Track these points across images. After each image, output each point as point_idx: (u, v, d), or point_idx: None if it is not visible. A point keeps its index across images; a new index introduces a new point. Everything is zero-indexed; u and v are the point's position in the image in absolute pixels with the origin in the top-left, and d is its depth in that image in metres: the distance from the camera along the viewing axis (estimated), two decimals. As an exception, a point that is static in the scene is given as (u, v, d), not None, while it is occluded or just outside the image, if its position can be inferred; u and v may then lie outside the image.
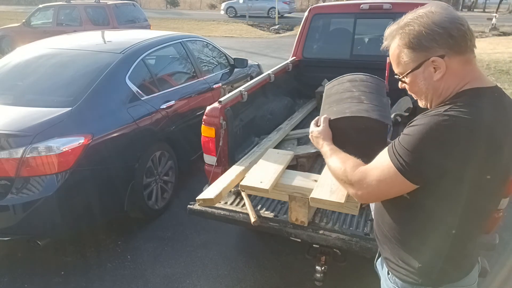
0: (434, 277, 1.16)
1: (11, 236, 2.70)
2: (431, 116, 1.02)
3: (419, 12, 1.08)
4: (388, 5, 3.88)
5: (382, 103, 1.57)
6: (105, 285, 2.70)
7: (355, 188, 1.15)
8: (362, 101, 1.54)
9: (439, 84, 1.08)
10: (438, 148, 0.99)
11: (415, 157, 1.01)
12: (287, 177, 2.15)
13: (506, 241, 2.94)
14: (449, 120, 0.98)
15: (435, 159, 1.00)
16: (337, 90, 1.72)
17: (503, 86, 7.54)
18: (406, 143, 1.03)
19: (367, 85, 1.68)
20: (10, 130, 2.54)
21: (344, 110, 1.52)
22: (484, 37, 14.60)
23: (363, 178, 1.13)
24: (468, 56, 1.06)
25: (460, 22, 1.04)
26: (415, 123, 1.05)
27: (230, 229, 3.18)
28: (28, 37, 8.03)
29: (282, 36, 16.84)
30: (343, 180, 1.21)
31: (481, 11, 27.18)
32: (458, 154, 0.98)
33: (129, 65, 3.35)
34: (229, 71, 4.86)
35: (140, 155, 3.14)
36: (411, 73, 1.10)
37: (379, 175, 1.09)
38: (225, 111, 2.59)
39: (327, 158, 1.33)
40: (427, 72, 1.08)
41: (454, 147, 0.98)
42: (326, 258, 2.23)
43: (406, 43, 1.08)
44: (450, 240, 1.12)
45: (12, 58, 3.61)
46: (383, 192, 1.12)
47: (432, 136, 0.99)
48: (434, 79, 1.08)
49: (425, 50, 1.06)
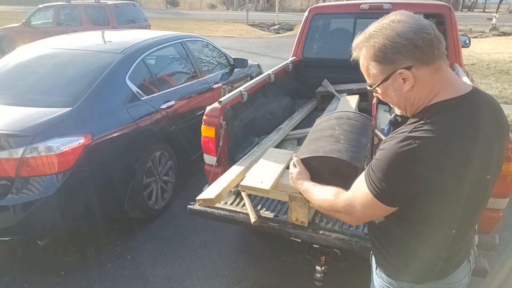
0: (417, 274, 1.18)
1: (11, 236, 2.70)
2: (396, 140, 1.01)
3: (383, 23, 1.05)
4: (388, 5, 3.88)
5: (360, 143, 1.62)
6: (105, 285, 2.70)
7: (346, 214, 1.19)
8: (339, 141, 1.60)
9: (410, 94, 1.07)
10: (404, 173, 1.00)
11: (386, 183, 1.02)
12: (288, 177, 2.15)
13: (506, 241, 2.94)
14: (412, 143, 0.97)
15: (405, 183, 1.01)
16: (322, 127, 1.79)
17: (503, 86, 7.54)
18: (376, 169, 1.04)
19: (351, 124, 1.73)
20: (10, 130, 2.54)
21: (318, 149, 1.59)
22: (484, 37, 14.61)
23: (347, 205, 1.16)
24: (437, 64, 1.04)
25: (425, 31, 1.01)
26: (383, 146, 1.05)
27: (230, 229, 3.19)
28: (28, 37, 8.04)
29: (282, 36, 16.84)
30: (331, 210, 1.24)
31: (481, 11, 27.18)
32: (425, 175, 0.98)
33: (129, 65, 3.35)
34: (229, 71, 4.86)
35: (140, 155, 3.14)
36: (381, 84, 1.09)
37: (360, 202, 1.12)
38: (225, 111, 2.59)
39: (309, 196, 1.37)
40: (396, 84, 1.07)
41: (420, 169, 0.98)
42: (326, 258, 2.22)
43: (372, 56, 1.06)
44: (435, 240, 1.13)
45: (12, 58, 3.61)
46: (369, 216, 1.18)
47: (397, 162, 0.99)
48: (404, 90, 1.06)
49: (391, 63, 1.04)
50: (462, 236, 1.17)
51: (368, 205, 1.09)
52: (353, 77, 4.16)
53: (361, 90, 3.97)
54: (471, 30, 15.63)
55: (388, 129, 3.40)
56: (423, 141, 0.97)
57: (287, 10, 29.58)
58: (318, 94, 4.19)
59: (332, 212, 1.24)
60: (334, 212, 1.23)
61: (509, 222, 3.15)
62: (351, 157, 1.49)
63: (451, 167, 0.98)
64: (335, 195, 1.22)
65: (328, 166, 1.51)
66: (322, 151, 1.55)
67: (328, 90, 4.12)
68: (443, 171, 0.98)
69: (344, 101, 3.71)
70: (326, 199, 1.25)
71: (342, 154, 1.50)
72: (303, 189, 1.42)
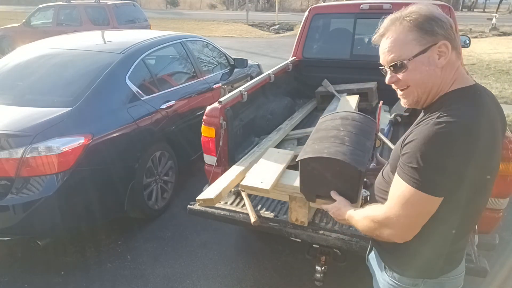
0: (433, 270, 1.19)
1: (11, 236, 2.70)
2: (426, 127, 1.01)
3: (414, 7, 1.10)
4: (388, 5, 3.88)
5: (364, 147, 1.60)
6: (105, 285, 2.70)
7: (388, 227, 1.11)
8: (344, 143, 1.58)
9: (440, 73, 1.08)
10: (442, 156, 0.98)
11: (426, 171, 1.00)
12: (288, 177, 2.15)
13: (506, 241, 2.94)
14: (445, 127, 0.98)
15: (444, 166, 0.99)
16: (327, 127, 1.77)
17: (503, 86, 7.55)
18: (412, 160, 1.02)
19: (356, 126, 1.71)
20: (10, 130, 2.54)
21: (323, 150, 1.56)
22: (484, 37, 14.61)
23: (388, 213, 1.10)
24: (459, 51, 1.09)
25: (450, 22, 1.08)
26: (412, 137, 1.04)
27: (230, 229, 3.19)
28: (28, 37, 8.05)
29: (282, 36, 16.84)
30: (375, 228, 1.16)
31: (481, 11, 27.18)
32: (461, 157, 0.98)
33: (129, 65, 3.35)
34: (229, 71, 4.86)
35: (140, 155, 3.14)
36: (416, 58, 1.07)
37: (402, 202, 1.06)
38: (225, 111, 2.59)
39: (354, 222, 1.28)
40: (432, 58, 1.07)
41: (457, 150, 0.97)
42: (326, 258, 2.22)
43: (417, 25, 1.07)
44: (449, 238, 1.14)
45: (12, 58, 3.61)
46: (414, 218, 1.07)
47: (432, 147, 0.99)
48: (438, 66, 1.07)
49: (433, 35, 1.06)
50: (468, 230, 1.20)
51: (411, 202, 1.04)
52: (353, 77, 4.16)
53: (361, 90, 3.98)
54: (471, 30, 15.63)
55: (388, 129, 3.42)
56: (454, 125, 0.98)
57: (287, 10, 29.59)
58: (318, 94, 4.20)
59: (375, 230, 1.16)
60: (379, 228, 1.14)
61: (509, 222, 3.15)
62: (356, 161, 1.49)
63: (479, 154, 0.99)
64: (373, 209, 1.17)
65: (332, 168, 1.50)
66: (327, 152, 1.53)
67: (328, 90, 4.13)
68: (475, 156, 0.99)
69: (344, 101, 3.71)
70: (366, 217, 1.19)
71: (347, 157, 1.49)
72: (346, 217, 1.34)
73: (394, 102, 3.74)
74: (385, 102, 3.92)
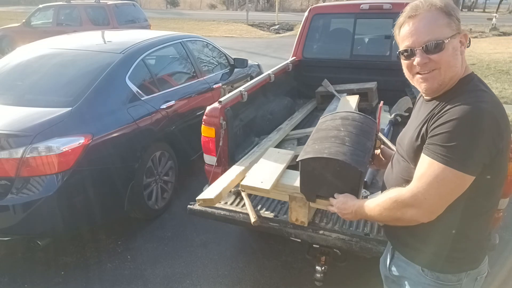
0: (473, 259, 1.22)
1: (11, 236, 2.71)
2: (460, 107, 1.06)
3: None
4: (388, 5, 3.88)
5: (365, 147, 1.61)
6: (105, 285, 2.70)
7: (414, 207, 1.11)
8: (344, 143, 1.59)
9: (462, 58, 1.16)
10: (473, 132, 1.03)
11: (458, 148, 1.04)
12: (288, 177, 2.15)
13: (506, 241, 2.95)
14: (483, 105, 1.05)
15: (476, 142, 1.04)
16: (327, 127, 1.77)
17: (503, 86, 7.54)
18: (449, 139, 1.05)
19: (356, 126, 1.71)
20: (10, 130, 2.54)
21: (323, 150, 1.57)
22: (484, 37, 14.60)
23: (416, 191, 1.10)
24: None
25: None
26: (446, 119, 1.07)
27: (230, 229, 3.18)
28: (28, 37, 8.03)
29: (282, 36, 16.84)
30: (398, 209, 1.15)
31: (481, 11, 27.18)
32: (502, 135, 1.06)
33: (129, 65, 3.35)
34: (229, 71, 4.86)
35: (140, 155, 3.14)
36: (451, 39, 1.12)
37: (433, 181, 1.07)
38: (225, 111, 2.59)
39: (367, 212, 1.27)
40: (457, 45, 1.15)
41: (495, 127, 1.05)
42: (326, 258, 2.22)
43: (447, 12, 1.13)
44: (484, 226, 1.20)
45: (12, 58, 3.61)
46: (445, 196, 1.09)
47: (472, 123, 1.04)
48: (460, 53, 1.15)
49: (459, 23, 1.15)
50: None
51: (443, 180, 1.06)
52: (353, 77, 4.17)
53: (361, 90, 3.98)
54: (471, 30, 15.62)
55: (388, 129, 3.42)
56: (488, 104, 1.06)
57: (287, 10, 29.59)
58: (318, 94, 4.20)
59: (397, 211, 1.15)
60: (400, 209, 1.14)
61: (509, 222, 3.16)
62: (356, 161, 1.49)
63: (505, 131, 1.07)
64: (397, 190, 1.17)
65: (332, 168, 1.50)
66: (327, 153, 1.54)
67: (328, 90, 4.13)
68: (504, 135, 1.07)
69: (344, 101, 3.71)
70: (388, 198, 1.18)
71: (347, 158, 1.50)
72: (355, 209, 1.33)
73: (394, 102, 3.74)
74: (385, 102, 3.92)
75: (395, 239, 1.34)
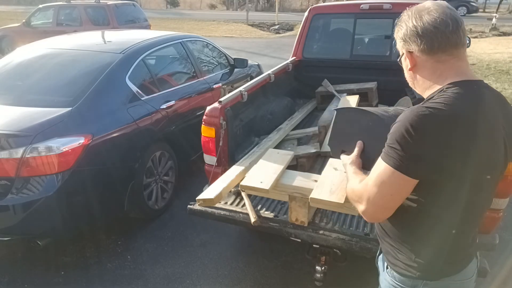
0: (432, 271, 1.18)
1: (11, 236, 2.70)
2: (409, 111, 1.06)
3: (416, 7, 1.14)
4: (388, 5, 3.88)
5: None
6: (105, 285, 2.70)
7: (361, 204, 1.14)
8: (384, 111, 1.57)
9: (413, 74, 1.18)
10: (419, 135, 1.01)
11: (403, 151, 1.03)
12: (287, 177, 2.16)
13: (506, 241, 2.94)
14: (424, 110, 1.02)
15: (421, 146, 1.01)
16: None
17: (503, 86, 7.54)
18: (392, 141, 1.05)
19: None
20: (10, 130, 2.54)
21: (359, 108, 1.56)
22: (484, 37, 14.59)
23: (363, 189, 1.13)
24: (441, 56, 1.10)
25: (435, 25, 1.07)
26: (398, 119, 1.08)
27: (230, 229, 3.18)
28: (28, 37, 8.02)
29: (282, 36, 16.83)
30: (354, 201, 1.20)
31: (481, 11, 27.15)
32: (439, 143, 1.00)
33: (129, 65, 3.35)
34: (229, 71, 4.85)
35: (140, 155, 3.13)
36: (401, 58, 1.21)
37: (377, 180, 1.08)
38: (225, 111, 2.59)
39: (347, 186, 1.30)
40: (405, 62, 1.19)
41: (435, 134, 1.00)
42: (326, 258, 2.23)
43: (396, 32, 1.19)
44: (450, 238, 1.14)
45: (12, 58, 3.61)
46: (386, 198, 1.09)
47: (412, 126, 1.01)
48: (407, 69, 1.19)
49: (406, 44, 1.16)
50: (468, 231, 1.19)
51: (385, 181, 1.06)
52: (353, 77, 4.17)
53: (361, 90, 3.98)
54: (471, 30, 15.61)
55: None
56: (435, 110, 1.01)
57: (287, 10, 29.58)
58: (318, 94, 4.20)
59: (354, 203, 1.19)
60: (355, 202, 1.18)
61: (509, 222, 3.16)
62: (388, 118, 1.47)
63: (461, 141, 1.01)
64: (360, 181, 1.18)
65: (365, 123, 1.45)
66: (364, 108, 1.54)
67: (328, 90, 4.13)
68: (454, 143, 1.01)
69: (344, 101, 3.71)
70: (350, 188, 1.22)
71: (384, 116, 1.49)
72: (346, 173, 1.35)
73: (394, 102, 3.74)
74: (385, 102, 3.93)
75: (378, 234, 1.35)
